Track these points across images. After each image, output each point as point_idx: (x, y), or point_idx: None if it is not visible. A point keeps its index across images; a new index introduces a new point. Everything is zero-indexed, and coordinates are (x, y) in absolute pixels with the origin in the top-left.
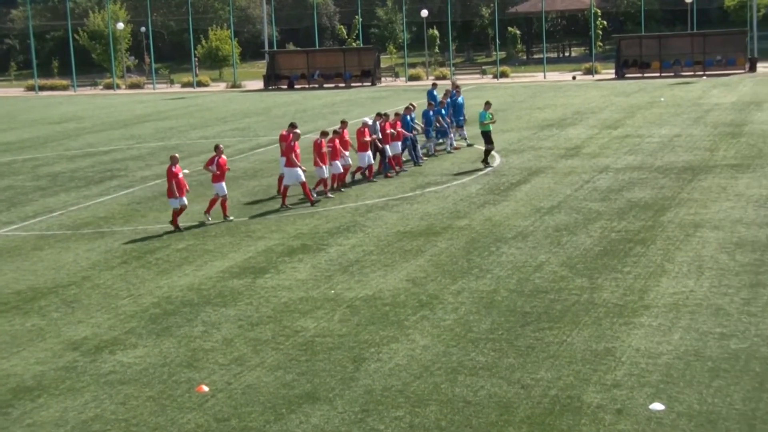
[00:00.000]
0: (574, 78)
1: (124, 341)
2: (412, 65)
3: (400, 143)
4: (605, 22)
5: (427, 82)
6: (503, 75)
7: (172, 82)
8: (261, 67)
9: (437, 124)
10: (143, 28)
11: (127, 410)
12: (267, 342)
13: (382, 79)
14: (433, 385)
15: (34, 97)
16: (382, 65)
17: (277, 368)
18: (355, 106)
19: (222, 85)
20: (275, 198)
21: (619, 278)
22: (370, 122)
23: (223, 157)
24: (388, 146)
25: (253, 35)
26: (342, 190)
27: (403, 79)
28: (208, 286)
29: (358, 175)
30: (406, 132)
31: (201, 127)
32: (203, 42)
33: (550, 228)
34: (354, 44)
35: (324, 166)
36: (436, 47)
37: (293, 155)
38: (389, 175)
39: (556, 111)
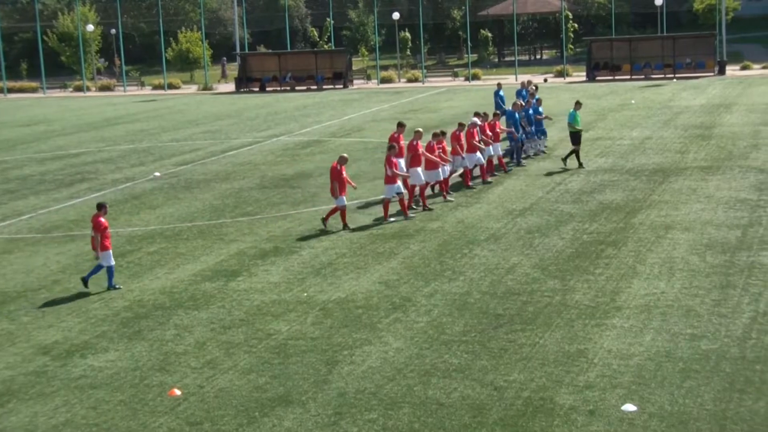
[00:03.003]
0: (545, 80)
1: (95, 345)
2: (384, 68)
3: (499, 145)
4: (576, 25)
5: (401, 85)
6: (475, 77)
7: (142, 85)
8: (232, 69)
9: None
10: (113, 30)
11: (98, 415)
12: (239, 345)
13: (354, 81)
14: (406, 387)
15: (2, 99)
16: (354, 67)
17: (249, 371)
18: (327, 108)
19: (193, 88)
20: (248, 200)
21: (591, 280)
22: (480, 123)
23: (394, 160)
24: (490, 147)
25: (224, 37)
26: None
27: (375, 81)
28: (180, 289)
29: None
30: (514, 132)
31: (172, 129)
32: (173, 44)
33: (523, 230)
34: (326, 46)
35: (443, 167)
36: (408, 50)
37: (418, 155)
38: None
39: None
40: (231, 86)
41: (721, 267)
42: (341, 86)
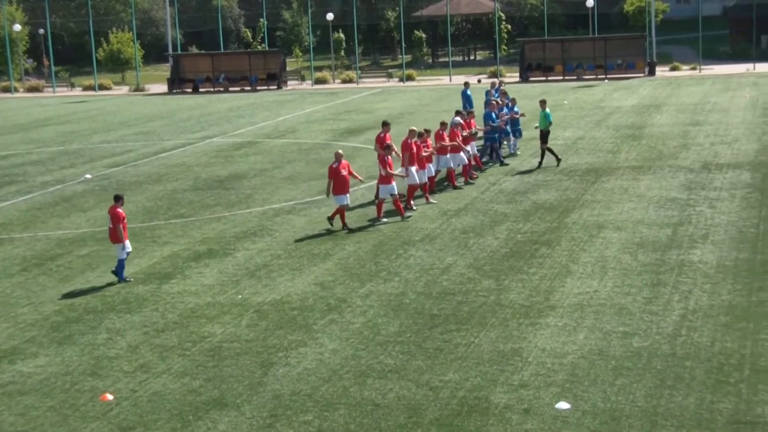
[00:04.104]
0: (479, 81)
1: (24, 350)
2: (319, 68)
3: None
4: (509, 26)
5: (335, 86)
6: (409, 78)
7: (72, 86)
8: (165, 70)
9: (496, 124)
10: (41, 30)
11: (27, 421)
12: (173, 348)
13: (288, 82)
14: (342, 388)
15: None
16: (288, 68)
17: (183, 375)
18: (260, 109)
19: (124, 89)
20: (181, 202)
21: (525, 279)
22: (462, 122)
23: (390, 158)
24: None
25: (156, 38)
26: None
27: (309, 82)
28: (112, 292)
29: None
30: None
31: (103, 131)
32: (104, 45)
33: (457, 230)
34: (259, 47)
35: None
36: (342, 50)
37: (412, 155)
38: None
39: None
40: (163, 87)
41: (652, 265)
42: (275, 87)
